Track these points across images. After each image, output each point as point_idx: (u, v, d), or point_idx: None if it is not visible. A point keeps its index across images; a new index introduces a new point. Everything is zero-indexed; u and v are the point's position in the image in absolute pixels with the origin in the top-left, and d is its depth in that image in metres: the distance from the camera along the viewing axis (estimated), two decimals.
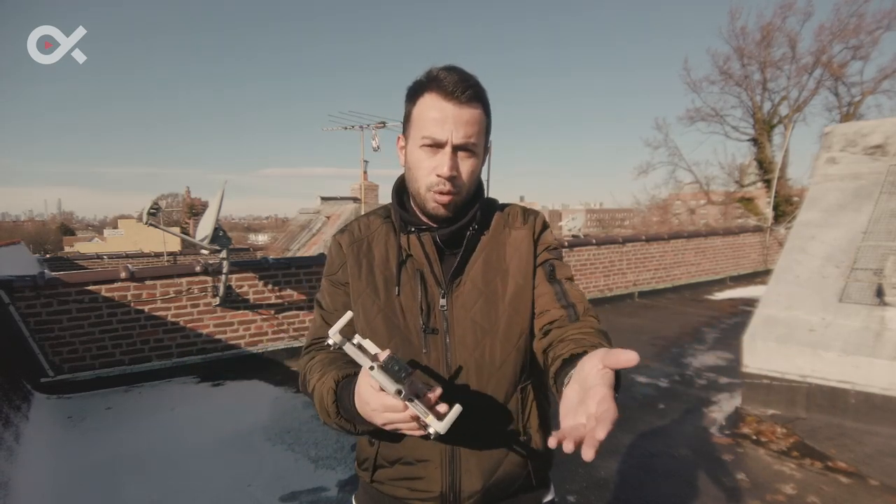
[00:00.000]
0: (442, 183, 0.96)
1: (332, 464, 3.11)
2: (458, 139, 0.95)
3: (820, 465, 2.98)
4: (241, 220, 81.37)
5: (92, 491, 2.86)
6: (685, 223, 17.78)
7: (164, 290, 4.77)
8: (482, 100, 0.99)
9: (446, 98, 0.95)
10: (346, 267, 1.07)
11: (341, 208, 15.06)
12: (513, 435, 1.02)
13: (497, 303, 1.02)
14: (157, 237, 20.06)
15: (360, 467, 1.10)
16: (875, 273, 3.73)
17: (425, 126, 0.96)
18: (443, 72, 0.96)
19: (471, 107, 0.96)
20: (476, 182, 1.04)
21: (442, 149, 0.96)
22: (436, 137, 0.95)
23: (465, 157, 0.98)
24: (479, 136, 0.98)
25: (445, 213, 1.00)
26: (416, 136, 0.98)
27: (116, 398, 4.30)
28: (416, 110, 0.99)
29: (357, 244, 1.08)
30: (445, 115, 0.94)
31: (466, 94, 0.95)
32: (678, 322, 6.63)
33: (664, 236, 8.94)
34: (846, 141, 4.63)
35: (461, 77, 0.96)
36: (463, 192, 1.00)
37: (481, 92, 0.98)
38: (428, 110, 0.96)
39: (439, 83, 0.95)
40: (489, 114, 1.01)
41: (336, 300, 1.08)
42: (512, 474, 1.02)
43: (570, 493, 2.73)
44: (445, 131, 0.94)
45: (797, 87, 14.62)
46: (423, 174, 0.98)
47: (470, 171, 0.99)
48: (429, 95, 0.96)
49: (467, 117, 0.95)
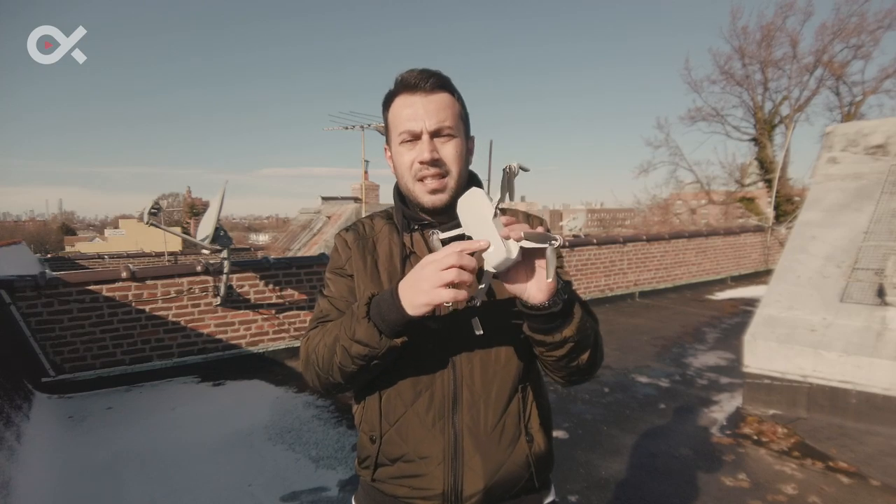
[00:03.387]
0: (425, 168, 0.99)
1: (332, 463, 3.11)
2: (431, 125, 0.98)
3: (821, 466, 2.98)
4: (242, 220, 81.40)
5: (93, 490, 2.86)
6: (686, 223, 17.77)
7: (164, 290, 4.78)
8: (448, 87, 1.02)
9: (412, 92, 1.00)
10: (352, 261, 1.08)
11: (342, 208, 15.06)
12: (516, 434, 1.01)
13: (501, 303, 1.02)
14: (158, 237, 20.07)
15: (360, 466, 1.09)
16: (876, 273, 3.72)
17: (400, 123, 1.00)
18: (405, 73, 1.01)
19: (437, 93, 1.00)
20: (465, 167, 1.05)
21: (419, 139, 0.99)
22: (411, 129, 0.99)
23: (443, 141, 1.00)
24: (453, 119, 1.01)
25: (441, 201, 1.01)
26: (395, 136, 1.02)
27: (117, 398, 4.30)
28: (390, 115, 1.04)
29: (363, 241, 1.10)
30: (415, 108, 0.99)
31: (430, 83, 0.99)
32: (679, 322, 6.63)
33: (665, 236, 8.93)
34: (847, 141, 4.63)
35: (422, 71, 1.00)
36: (454, 174, 1.01)
37: (445, 80, 1.02)
38: (400, 109, 1.01)
39: (404, 82, 1.00)
40: (460, 100, 1.05)
41: (342, 288, 1.08)
42: (515, 475, 1.01)
43: (571, 493, 2.73)
44: (419, 122, 0.98)
45: (798, 87, 14.59)
46: (407, 167, 1.01)
47: (454, 153, 1.01)
48: (399, 98, 1.02)
49: (436, 104, 0.99)
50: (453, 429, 0.99)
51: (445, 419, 0.99)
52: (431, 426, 0.99)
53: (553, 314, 0.86)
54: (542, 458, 1.05)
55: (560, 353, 0.92)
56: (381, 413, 1.02)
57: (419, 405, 1.00)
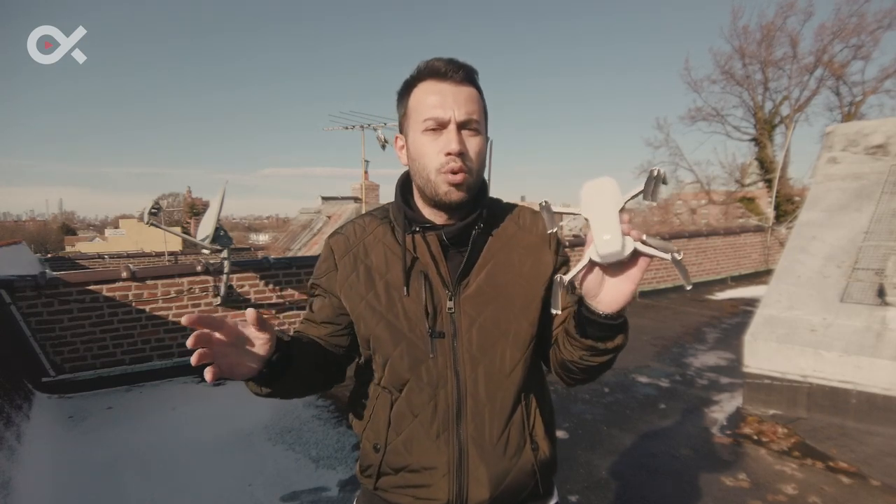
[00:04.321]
0: (452, 160, 0.93)
1: (333, 463, 3.12)
2: (460, 116, 0.93)
3: (821, 466, 2.98)
4: (242, 220, 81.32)
5: (93, 490, 2.86)
6: (686, 223, 17.79)
7: (165, 290, 4.78)
8: (475, 82, 0.98)
9: (442, 80, 0.95)
10: (334, 276, 1.04)
11: (342, 208, 15.07)
12: (521, 443, 1.00)
13: (508, 307, 0.99)
14: (159, 237, 20.09)
15: (362, 474, 1.06)
16: (876, 273, 3.72)
17: (426, 110, 0.94)
18: (432, 60, 0.96)
19: (466, 86, 0.96)
20: (483, 165, 1.00)
21: (446, 128, 0.94)
22: (439, 117, 0.93)
23: (469, 135, 0.95)
24: (479, 114, 0.97)
25: (459, 195, 0.96)
26: (417, 123, 0.96)
27: (117, 398, 4.30)
28: (412, 101, 0.98)
29: (352, 251, 1.04)
30: (444, 96, 0.94)
31: (460, 74, 0.95)
32: (679, 322, 6.63)
33: (665, 236, 8.93)
34: (847, 141, 4.63)
35: (451, 60, 0.96)
36: (474, 173, 0.97)
37: (473, 73, 0.98)
38: (426, 96, 0.95)
39: (432, 69, 0.95)
40: (484, 98, 1.00)
41: (317, 307, 1.08)
42: (520, 483, 1.00)
43: (571, 493, 2.73)
44: (447, 110, 0.93)
45: (798, 87, 14.61)
46: (432, 157, 0.95)
47: (477, 149, 0.96)
48: (424, 83, 0.96)
49: (466, 95, 0.95)
50: (457, 440, 0.97)
51: (450, 431, 0.97)
52: (436, 437, 0.97)
53: (613, 325, 0.86)
54: (546, 465, 1.03)
55: (601, 359, 0.93)
56: (389, 423, 1.00)
57: (424, 416, 0.97)
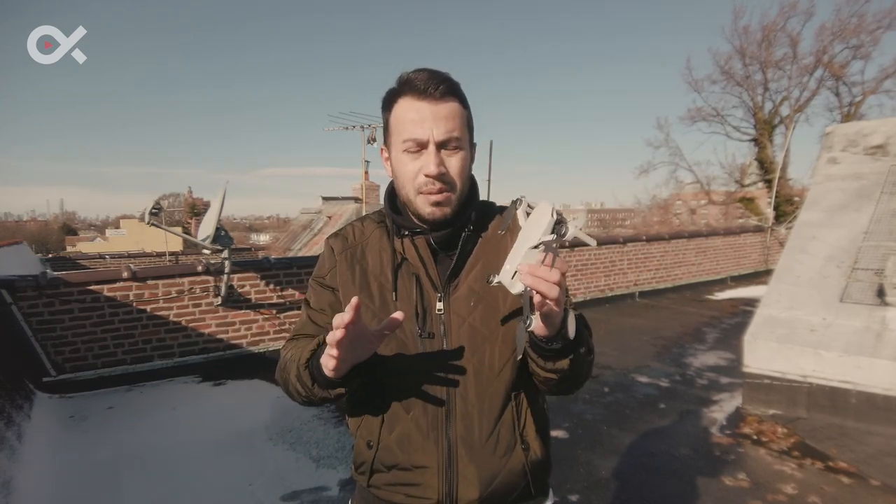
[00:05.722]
0: (430, 182, 0.94)
1: (333, 463, 3.12)
2: (439, 136, 0.93)
3: (821, 465, 2.98)
4: (242, 220, 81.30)
5: (93, 490, 2.87)
6: (686, 223, 17.79)
7: (165, 290, 4.78)
8: (457, 93, 0.97)
9: (420, 97, 0.94)
10: (336, 272, 1.05)
11: (343, 208, 15.09)
12: (511, 443, 1.00)
13: (496, 308, 1.00)
14: (159, 237, 20.05)
15: (356, 471, 1.08)
16: (876, 273, 3.73)
17: (405, 129, 0.94)
18: (412, 73, 0.95)
19: (447, 101, 0.94)
20: (468, 179, 1.01)
21: (425, 149, 0.94)
22: (417, 138, 0.93)
23: (450, 153, 0.96)
24: (461, 129, 0.96)
25: (442, 214, 0.97)
26: (398, 141, 0.96)
27: (118, 397, 4.31)
28: (392, 117, 0.98)
29: (350, 250, 1.06)
30: (423, 115, 0.93)
31: (440, 90, 0.93)
32: (679, 322, 6.63)
33: (665, 236, 8.93)
34: (847, 141, 4.63)
35: (432, 74, 0.95)
36: (456, 190, 0.97)
37: (454, 85, 0.96)
38: (405, 113, 0.95)
39: (411, 84, 0.94)
40: (468, 107, 1.00)
41: (322, 300, 1.07)
42: (510, 484, 1.00)
43: (571, 492, 2.74)
44: (426, 130, 0.93)
45: (798, 87, 14.64)
46: (410, 178, 0.96)
47: (459, 166, 0.96)
48: (403, 100, 0.96)
49: (445, 112, 0.94)
50: (447, 440, 0.98)
51: (439, 430, 0.98)
52: (426, 437, 0.98)
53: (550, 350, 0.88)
54: (539, 465, 1.04)
55: (548, 376, 0.94)
56: (382, 421, 1.01)
57: (416, 415, 0.99)
